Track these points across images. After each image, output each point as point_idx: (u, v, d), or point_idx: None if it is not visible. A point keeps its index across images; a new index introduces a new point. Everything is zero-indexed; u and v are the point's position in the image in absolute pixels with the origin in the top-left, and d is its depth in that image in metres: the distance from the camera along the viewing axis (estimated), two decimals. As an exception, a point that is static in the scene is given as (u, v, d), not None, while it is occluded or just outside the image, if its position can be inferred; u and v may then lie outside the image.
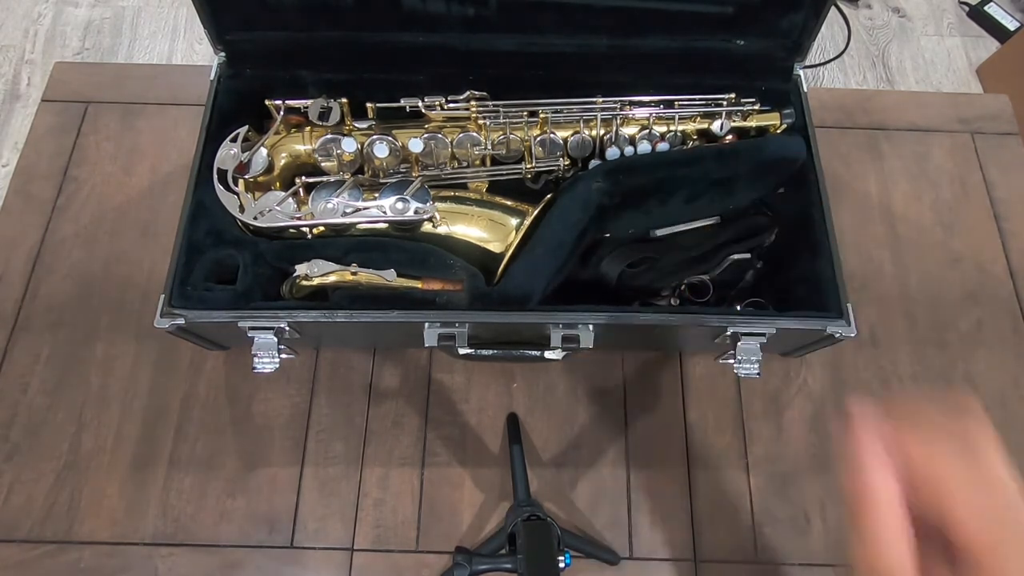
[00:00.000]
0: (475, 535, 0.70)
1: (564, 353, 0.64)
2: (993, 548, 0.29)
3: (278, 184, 0.69)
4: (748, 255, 0.74)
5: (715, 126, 0.71)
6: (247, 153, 0.67)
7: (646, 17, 0.69)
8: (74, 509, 0.70)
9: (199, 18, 0.68)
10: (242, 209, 0.65)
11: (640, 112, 0.70)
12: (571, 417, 0.75)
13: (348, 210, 0.65)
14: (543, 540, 0.59)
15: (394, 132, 0.69)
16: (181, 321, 0.60)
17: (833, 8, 0.68)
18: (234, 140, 0.67)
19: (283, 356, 0.65)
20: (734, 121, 0.71)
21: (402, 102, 0.69)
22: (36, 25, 1.78)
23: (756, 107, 0.71)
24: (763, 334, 0.63)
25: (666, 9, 0.69)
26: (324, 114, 0.68)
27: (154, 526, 0.70)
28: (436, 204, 0.66)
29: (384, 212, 0.65)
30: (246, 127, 0.68)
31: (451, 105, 0.69)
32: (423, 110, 0.69)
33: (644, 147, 0.70)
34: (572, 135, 0.70)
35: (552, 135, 0.70)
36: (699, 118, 0.71)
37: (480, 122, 0.69)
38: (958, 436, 0.31)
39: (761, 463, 0.74)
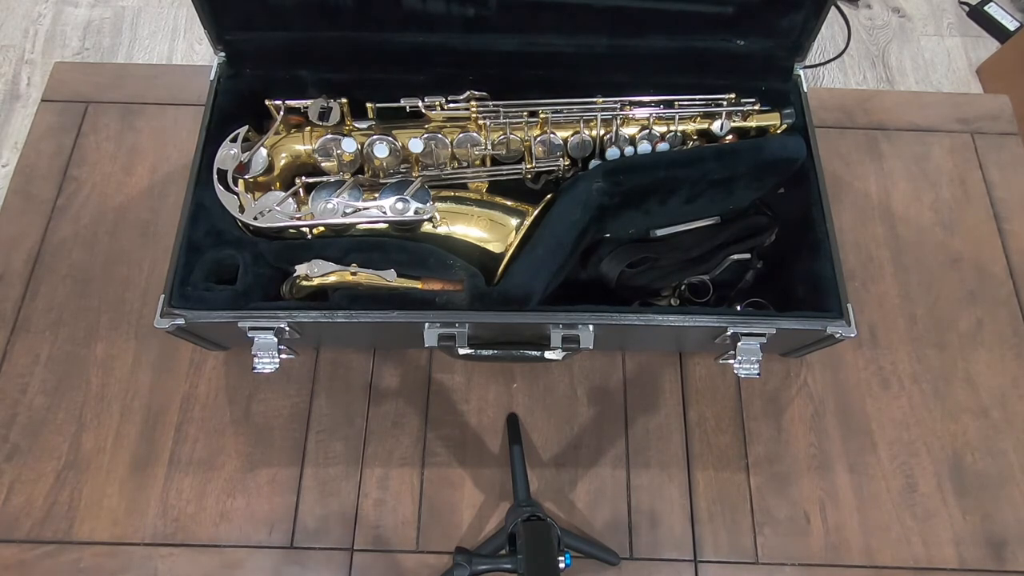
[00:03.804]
0: (475, 535, 0.70)
1: (564, 353, 0.64)
2: None
3: (278, 184, 0.69)
4: (748, 255, 0.74)
5: (715, 126, 0.71)
6: (247, 153, 0.67)
7: (646, 17, 0.69)
8: (74, 509, 0.70)
9: (199, 18, 0.68)
10: (242, 209, 0.65)
11: (640, 112, 0.70)
12: (571, 417, 0.75)
13: (348, 210, 0.65)
14: (543, 540, 0.59)
15: (394, 132, 0.69)
16: (181, 321, 0.60)
17: (833, 8, 0.68)
18: (234, 140, 0.67)
19: (283, 356, 0.65)
20: (734, 121, 0.71)
21: (402, 102, 0.69)
22: (36, 25, 1.78)
23: (756, 107, 0.71)
24: (763, 334, 0.63)
25: (666, 9, 0.69)
26: (324, 114, 0.68)
27: (154, 526, 0.70)
28: (436, 204, 0.66)
29: (384, 212, 0.65)
30: (246, 127, 0.68)
31: (451, 105, 0.69)
32: (423, 110, 0.69)
33: (644, 147, 0.70)
34: (572, 135, 0.70)
35: (552, 135, 0.70)
36: (699, 118, 0.71)
37: (480, 122, 0.69)
38: None
39: (761, 463, 0.74)
